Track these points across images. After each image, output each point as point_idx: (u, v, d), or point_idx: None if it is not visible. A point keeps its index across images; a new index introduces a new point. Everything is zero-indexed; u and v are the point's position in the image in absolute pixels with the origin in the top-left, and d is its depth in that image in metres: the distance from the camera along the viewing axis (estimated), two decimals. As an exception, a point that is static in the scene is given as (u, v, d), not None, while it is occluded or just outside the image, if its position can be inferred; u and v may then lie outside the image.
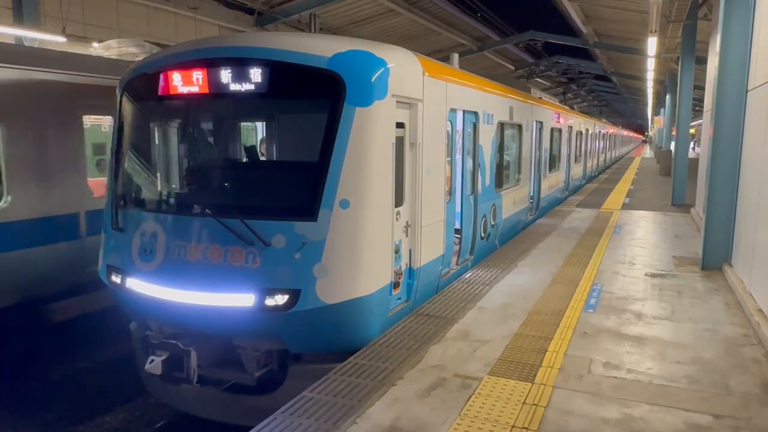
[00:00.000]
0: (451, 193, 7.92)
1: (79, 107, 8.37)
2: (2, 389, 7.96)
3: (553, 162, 16.26)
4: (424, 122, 6.60)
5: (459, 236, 8.36)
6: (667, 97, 30.68)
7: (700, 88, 19.81)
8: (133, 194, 6.19)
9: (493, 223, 9.99)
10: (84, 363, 8.74)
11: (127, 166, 6.26)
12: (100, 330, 8.56)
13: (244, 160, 6.81)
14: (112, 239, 6.12)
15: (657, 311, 6.72)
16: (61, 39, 12.60)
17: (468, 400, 4.49)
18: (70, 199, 8.17)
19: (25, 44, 13.02)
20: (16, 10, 13.71)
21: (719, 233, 8.56)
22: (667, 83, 30.43)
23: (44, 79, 7.79)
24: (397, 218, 6.09)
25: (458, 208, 8.25)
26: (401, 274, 6.32)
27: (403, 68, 6.09)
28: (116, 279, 5.94)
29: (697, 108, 31.33)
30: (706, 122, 12.32)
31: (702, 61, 16.34)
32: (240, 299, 5.23)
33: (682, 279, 8.20)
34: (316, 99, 5.65)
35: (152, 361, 5.46)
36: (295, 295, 5.15)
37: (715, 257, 8.62)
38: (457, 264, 8.27)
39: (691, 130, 25.19)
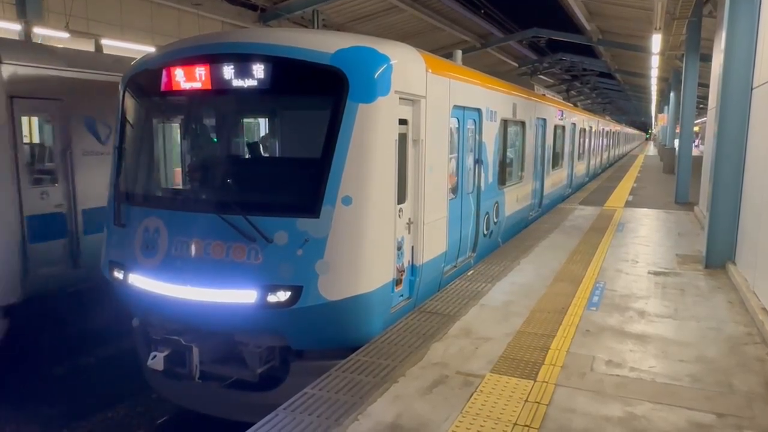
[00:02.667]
0: (454, 190, 7.90)
1: None
2: (4, 385, 7.97)
3: (557, 159, 16.21)
4: (427, 119, 6.58)
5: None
6: (671, 94, 30.56)
7: (704, 85, 19.76)
8: (135, 190, 6.18)
9: (495, 220, 9.97)
10: (86, 359, 8.76)
11: (129, 161, 6.26)
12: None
13: (247, 156, 6.80)
14: (115, 235, 6.12)
15: (660, 309, 6.70)
16: (64, 35, 12.61)
17: (470, 398, 4.48)
18: None
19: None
20: (20, 6, 13.71)
21: (723, 231, 8.53)
22: (671, 81, 30.28)
23: None
24: (399, 215, 6.08)
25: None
26: (403, 271, 6.31)
27: (406, 65, 6.07)
28: (118, 275, 5.95)
29: (701, 106, 31.21)
30: (710, 120, 12.26)
31: (706, 58, 16.24)
32: (242, 295, 5.23)
33: (686, 277, 8.17)
34: (318, 95, 5.63)
35: (154, 357, 5.47)
36: (297, 291, 5.15)
37: (718, 255, 8.59)
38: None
39: (695, 128, 25.09)
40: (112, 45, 13.42)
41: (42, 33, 13.15)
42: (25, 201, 7.44)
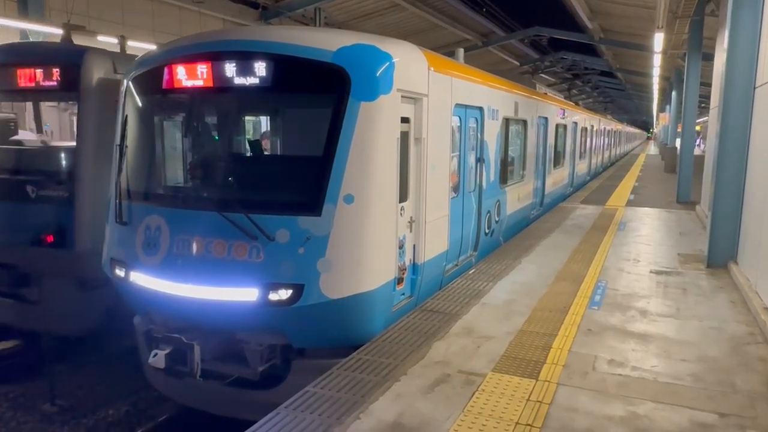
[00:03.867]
0: (456, 188, 7.89)
1: None
2: (5, 381, 7.98)
3: (558, 158, 16.20)
4: (429, 117, 6.56)
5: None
6: (673, 93, 30.51)
7: (706, 84, 19.69)
8: (137, 188, 6.16)
9: (497, 219, 9.95)
10: (87, 356, 8.76)
11: (131, 159, 6.25)
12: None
13: (249, 154, 6.79)
14: (116, 233, 6.12)
15: (662, 309, 6.68)
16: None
17: (472, 397, 4.47)
18: None
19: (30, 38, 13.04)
20: (21, 3, 13.72)
21: (725, 231, 8.51)
22: (672, 80, 30.24)
23: None
24: (401, 213, 6.07)
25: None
26: (405, 269, 6.30)
27: (408, 63, 6.05)
28: (120, 272, 5.94)
29: (703, 105, 31.16)
30: (712, 119, 12.24)
31: (709, 57, 16.20)
32: (243, 294, 5.22)
33: (688, 276, 8.16)
34: (320, 93, 5.62)
35: (156, 354, 5.47)
36: (298, 290, 5.14)
37: (720, 255, 8.57)
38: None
39: (697, 128, 25.05)
40: (114, 42, 13.40)
41: (42, 30, 13.14)
42: None
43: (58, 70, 7.51)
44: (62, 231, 7.18)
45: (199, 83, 5.61)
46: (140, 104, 6.26)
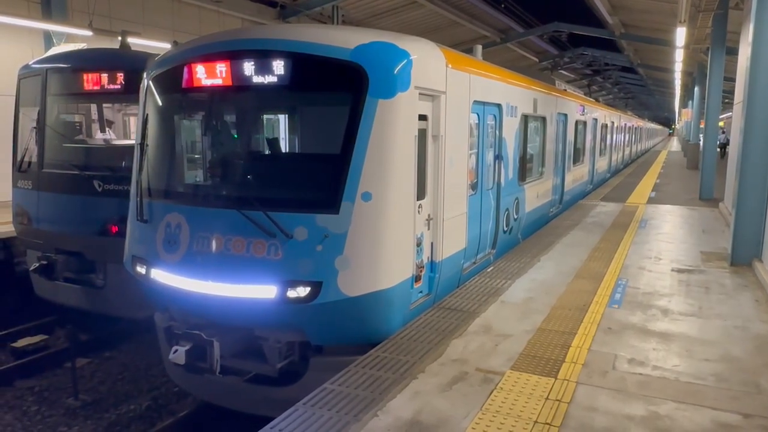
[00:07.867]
0: (474, 186, 7.85)
1: None
2: (30, 376, 8.14)
3: (578, 155, 16.03)
4: (447, 114, 6.54)
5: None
6: (696, 89, 30.00)
7: (729, 79, 19.34)
8: (157, 186, 6.24)
9: (515, 216, 9.89)
10: (109, 351, 8.91)
11: (151, 157, 6.32)
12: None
13: (267, 152, 6.83)
14: (137, 230, 6.20)
15: (684, 307, 6.58)
16: (88, 33, 12.79)
17: (490, 395, 4.45)
18: None
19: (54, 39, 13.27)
20: (45, 5, 13.97)
21: (749, 228, 8.35)
22: (695, 75, 29.73)
23: None
24: (419, 211, 6.05)
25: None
26: (423, 267, 6.29)
27: (426, 60, 6.03)
28: (141, 270, 6.02)
29: (727, 100, 30.58)
30: (736, 114, 12.02)
31: (732, 51, 15.89)
32: (262, 291, 5.25)
33: (710, 275, 8.02)
34: (338, 91, 5.62)
35: (176, 351, 5.52)
36: (316, 287, 5.16)
37: (744, 253, 8.42)
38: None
39: (720, 123, 24.62)
40: (135, 43, 13.56)
41: (66, 31, 13.35)
42: None
43: (122, 74, 8.13)
44: (126, 222, 7.51)
45: (218, 82, 5.65)
46: (160, 103, 6.33)
